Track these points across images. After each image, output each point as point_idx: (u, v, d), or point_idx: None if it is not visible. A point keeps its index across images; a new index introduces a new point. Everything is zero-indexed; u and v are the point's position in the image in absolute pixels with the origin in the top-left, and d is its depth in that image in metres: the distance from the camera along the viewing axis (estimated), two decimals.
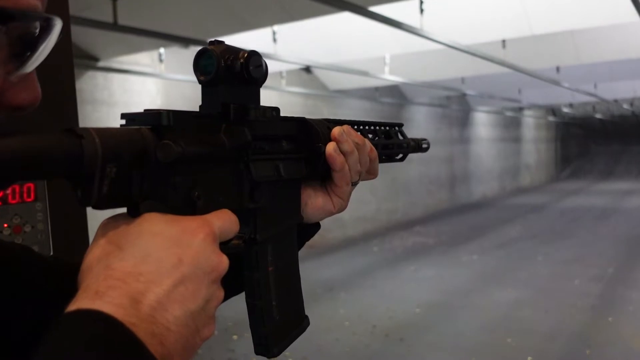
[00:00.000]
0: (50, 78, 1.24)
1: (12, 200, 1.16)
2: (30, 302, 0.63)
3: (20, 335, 0.60)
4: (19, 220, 1.17)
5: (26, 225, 1.18)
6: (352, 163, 0.71)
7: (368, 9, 4.83)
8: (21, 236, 1.17)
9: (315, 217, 0.74)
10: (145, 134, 0.49)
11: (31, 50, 0.50)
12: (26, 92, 0.52)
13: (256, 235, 0.63)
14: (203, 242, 0.48)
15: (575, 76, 10.76)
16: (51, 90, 1.25)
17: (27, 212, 1.18)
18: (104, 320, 0.41)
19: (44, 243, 1.21)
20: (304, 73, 10.14)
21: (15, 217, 1.17)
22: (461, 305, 6.79)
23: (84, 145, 0.44)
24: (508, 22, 6.51)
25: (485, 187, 18.65)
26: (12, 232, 1.16)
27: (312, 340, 5.54)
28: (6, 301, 0.60)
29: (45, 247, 1.21)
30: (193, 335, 0.46)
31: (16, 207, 1.17)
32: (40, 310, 0.61)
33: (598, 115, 23.13)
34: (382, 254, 10.00)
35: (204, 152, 0.54)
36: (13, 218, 1.16)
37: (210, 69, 0.59)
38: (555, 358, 5.21)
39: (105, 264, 0.45)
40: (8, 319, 0.60)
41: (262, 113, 0.61)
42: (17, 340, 0.60)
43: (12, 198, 1.16)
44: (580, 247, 10.11)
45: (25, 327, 0.60)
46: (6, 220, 1.15)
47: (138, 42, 6.18)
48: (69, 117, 1.28)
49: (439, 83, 11.01)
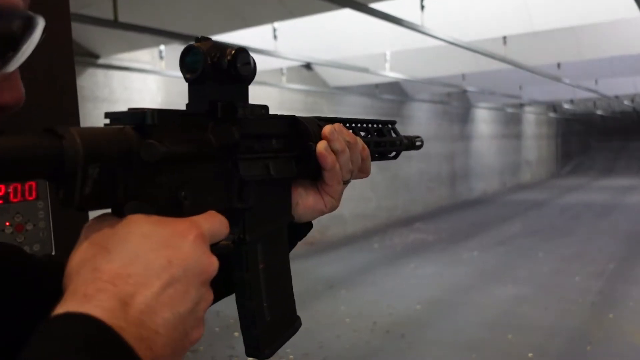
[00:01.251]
0: (51, 76, 1.24)
1: (14, 199, 1.16)
2: (19, 302, 0.62)
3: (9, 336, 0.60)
4: (20, 218, 1.17)
5: (28, 224, 1.18)
6: (343, 162, 0.70)
7: (368, 6, 4.83)
8: (23, 234, 1.18)
9: (306, 216, 0.73)
10: (129, 134, 0.48)
11: (13, 50, 0.49)
12: (9, 92, 0.51)
13: (245, 235, 0.61)
14: (193, 244, 0.47)
15: (576, 72, 10.75)
16: (52, 88, 1.25)
17: (28, 211, 1.18)
18: (93, 324, 0.40)
19: (46, 241, 1.21)
20: (305, 70, 10.13)
21: (17, 215, 1.17)
22: (461, 301, 6.80)
23: (64, 146, 0.43)
24: (509, 19, 6.50)
25: (485, 183, 18.65)
26: (14, 230, 1.16)
27: (313, 337, 5.55)
28: None
29: (47, 245, 1.21)
30: (182, 338, 0.46)
31: (18, 205, 1.17)
32: (31, 311, 0.61)
33: (599, 112, 23.12)
34: (382, 251, 10.01)
35: (190, 152, 0.53)
36: (15, 216, 1.16)
37: (196, 66, 0.57)
38: (555, 354, 5.21)
39: (92, 266, 0.44)
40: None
41: (250, 111, 0.60)
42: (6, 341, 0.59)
43: (13, 196, 1.16)
44: (581, 243, 10.11)
45: (14, 328, 0.59)
46: (8, 219, 1.16)
47: (138, 40, 6.17)
48: (70, 115, 1.28)
49: (440, 79, 11.00)
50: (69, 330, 0.40)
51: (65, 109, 1.27)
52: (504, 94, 14.47)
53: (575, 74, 10.79)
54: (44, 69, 1.22)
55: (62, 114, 1.27)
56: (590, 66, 10.47)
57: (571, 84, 11.34)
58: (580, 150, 30.43)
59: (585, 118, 27.74)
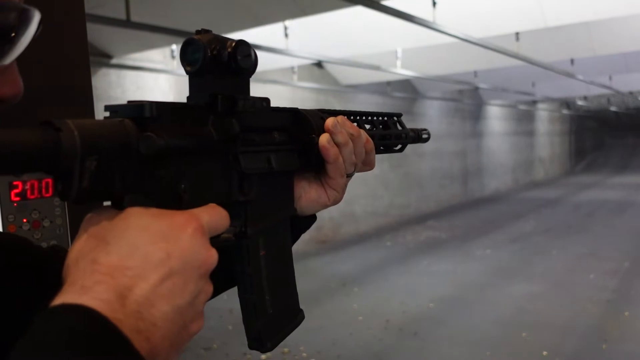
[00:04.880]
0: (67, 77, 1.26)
1: (31, 196, 1.18)
2: (23, 292, 0.63)
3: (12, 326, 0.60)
4: (37, 215, 1.18)
5: (45, 220, 1.19)
6: (346, 155, 0.70)
7: (380, 3, 4.81)
8: (40, 231, 1.19)
9: (309, 209, 0.73)
10: (128, 126, 0.47)
11: (9, 42, 0.49)
12: (6, 85, 0.51)
13: (247, 228, 0.61)
14: (192, 237, 0.47)
15: (590, 68, 10.65)
16: (68, 88, 1.26)
17: (45, 207, 1.20)
18: (90, 315, 0.40)
19: (63, 237, 1.23)
20: (316, 68, 10.13)
21: (34, 212, 1.18)
22: (475, 299, 6.77)
23: (61, 138, 0.43)
24: (522, 15, 6.45)
25: (498, 181, 18.54)
26: (31, 227, 1.18)
27: (326, 334, 5.55)
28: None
29: (63, 241, 1.23)
30: (180, 330, 0.46)
31: (35, 202, 1.18)
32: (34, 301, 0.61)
33: (613, 108, 22.87)
34: (395, 249, 9.99)
35: (189, 145, 0.53)
36: (32, 213, 1.18)
37: (196, 58, 0.57)
38: (570, 353, 5.17)
39: (91, 258, 0.44)
40: None
41: (251, 104, 0.60)
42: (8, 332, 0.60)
43: (30, 193, 1.17)
44: (595, 241, 10.03)
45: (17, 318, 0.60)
46: (25, 216, 1.17)
47: (150, 39, 6.20)
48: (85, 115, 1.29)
49: (452, 77, 10.94)
50: (65, 321, 0.40)
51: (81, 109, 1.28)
52: (517, 91, 14.36)
53: (588, 70, 10.68)
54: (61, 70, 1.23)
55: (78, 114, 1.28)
56: (604, 62, 10.37)
57: (585, 80, 11.23)
58: (594, 147, 30.17)
59: (599, 115, 27.47)
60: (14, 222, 1.15)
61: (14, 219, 1.15)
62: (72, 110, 1.27)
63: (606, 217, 12.85)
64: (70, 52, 1.26)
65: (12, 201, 1.15)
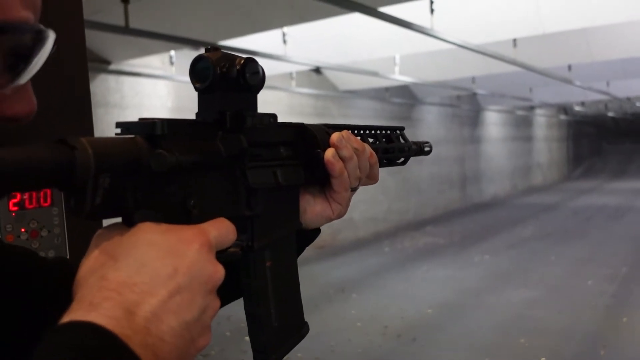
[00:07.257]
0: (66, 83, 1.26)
1: (29, 205, 1.17)
2: (29, 305, 0.63)
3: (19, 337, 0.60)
4: (35, 225, 1.18)
5: (43, 230, 1.19)
6: (351, 169, 0.71)
7: (378, 10, 4.82)
8: (38, 240, 1.19)
9: (314, 223, 0.74)
10: (140, 144, 0.49)
11: (24, 63, 0.50)
12: (21, 104, 0.52)
13: (253, 242, 0.62)
14: (198, 252, 0.48)
15: (588, 74, 10.67)
16: (66, 95, 1.26)
17: (44, 217, 1.20)
18: (98, 332, 0.41)
19: (61, 247, 1.22)
20: (314, 74, 10.14)
21: (32, 221, 1.18)
22: (473, 305, 6.76)
23: (76, 156, 0.44)
24: (519, 21, 6.47)
25: (496, 186, 18.56)
26: (29, 236, 1.18)
27: (324, 340, 5.54)
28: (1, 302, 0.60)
29: (62, 251, 1.22)
30: (188, 345, 0.46)
31: (33, 212, 1.18)
32: (39, 312, 0.61)
33: (610, 114, 22.93)
34: (393, 255, 9.98)
35: (198, 161, 0.53)
36: (30, 223, 1.18)
37: (206, 75, 0.58)
38: (569, 358, 5.17)
39: (99, 274, 0.45)
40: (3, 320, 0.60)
41: (259, 120, 0.61)
42: (16, 342, 0.60)
43: (29, 203, 1.17)
44: (594, 246, 10.03)
45: (24, 332, 0.60)
46: (23, 225, 1.17)
47: (149, 45, 6.21)
48: (84, 122, 1.29)
49: (450, 83, 10.97)
50: (74, 338, 0.40)
51: (80, 116, 1.29)
52: (514, 97, 14.40)
53: (586, 75, 10.71)
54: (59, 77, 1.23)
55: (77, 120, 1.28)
56: (602, 68, 10.40)
57: (582, 86, 11.25)
58: (591, 153, 30.21)
59: (596, 120, 27.53)
60: (12, 231, 1.15)
61: (12, 228, 1.15)
62: (70, 116, 1.27)
63: (604, 222, 12.86)
64: (68, 59, 1.26)
65: (11, 211, 1.15)
